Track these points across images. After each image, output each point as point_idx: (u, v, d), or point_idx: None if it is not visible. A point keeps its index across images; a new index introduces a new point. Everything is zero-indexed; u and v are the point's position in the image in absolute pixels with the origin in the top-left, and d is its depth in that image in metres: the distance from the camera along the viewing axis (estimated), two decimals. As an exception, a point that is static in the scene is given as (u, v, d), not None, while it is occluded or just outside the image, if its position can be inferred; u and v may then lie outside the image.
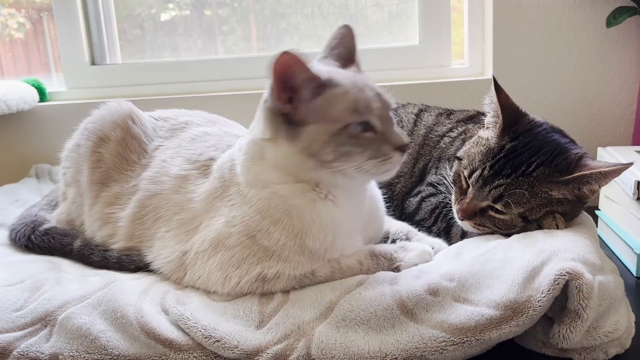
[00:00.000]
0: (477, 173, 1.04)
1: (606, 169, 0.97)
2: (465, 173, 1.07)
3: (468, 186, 1.07)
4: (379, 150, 0.91)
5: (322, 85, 0.91)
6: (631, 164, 0.99)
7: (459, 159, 1.11)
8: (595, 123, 1.77)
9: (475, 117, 1.35)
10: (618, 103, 1.75)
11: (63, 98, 1.96)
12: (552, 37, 1.72)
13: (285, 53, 0.87)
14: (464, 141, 1.23)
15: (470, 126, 1.31)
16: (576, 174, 0.99)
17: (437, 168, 1.27)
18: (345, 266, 0.98)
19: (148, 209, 1.10)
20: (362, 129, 0.91)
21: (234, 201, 1.00)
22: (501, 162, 1.02)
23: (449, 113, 1.40)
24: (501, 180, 1.01)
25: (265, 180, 0.97)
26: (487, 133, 1.10)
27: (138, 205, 1.11)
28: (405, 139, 0.94)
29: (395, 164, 0.94)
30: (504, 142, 1.05)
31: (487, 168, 1.03)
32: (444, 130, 1.33)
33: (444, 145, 1.30)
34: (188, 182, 1.09)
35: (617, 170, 0.98)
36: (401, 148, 0.93)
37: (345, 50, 1.05)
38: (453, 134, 1.31)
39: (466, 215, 1.06)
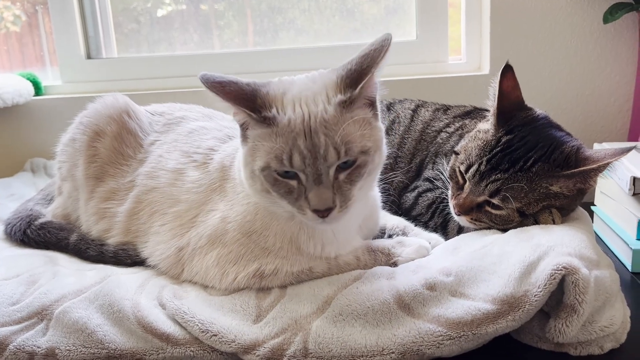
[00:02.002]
0: (474, 168, 1.04)
1: (612, 160, 0.97)
2: (462, 168, 1.07)
3: (465, 181, 1.07)
4: (296, 202, 0.86)
5: (265, 118, 0.85)
6: (633, 146, 0.99)
7: (456, 153, 1.11)
8: (592, 119, 1.78)
9: (472, 113, 1.35)
10: (614, 99, 1.75)
11: (58, 92, 1.95)
12: (549, 33, 1.73)
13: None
14: (460, 136, 1.23)
15: (467, 121, 1.31)
16: (582, 168, 0.98)
17: (434, 163, 1.27)
18: (342, 262, 0.98)
19: (144, 204, 1.10)
20: (285, 175, 0.85)
21: (229, 197, 1.00)
22: (498, 156, 1.02)
23: (445, 108, 1.40)
24: (498, 175, 1.01)
25: (248, 194, 0.96)
26: (486, 125, 1.10)
27: (135, 201, 1.11)
28: (325, 204, 0.84)
29: (317, 222, 0.86)
30: (500, 135, 1.05)
31: (484, 163, 1.03)
32: (440, 125, 1.33)
33: (440, 141, 1.30)
34: (184, 175, 1.08)
35: (621, 157, 0.97)
36: (317, 212, 0.85)
37: None
38: (450, 130, 1.31)
39: (463, 210, 1.06)
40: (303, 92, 0.88)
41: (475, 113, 1.34)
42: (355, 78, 0.86)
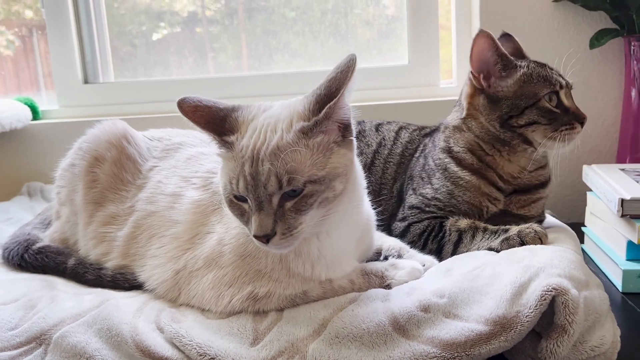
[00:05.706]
0: None
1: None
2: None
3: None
4: (246, 225, 0.90)
5: (226, 142, 0.92)
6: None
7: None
8: (580, 142, 1.80)
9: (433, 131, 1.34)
10: (602, 122, 1.79)
11: (55, 116, 1.97)
12: (537, 58, 1.75)
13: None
14: (426, 158, 1.24)
15: (427, 140, 1.31)
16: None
17: (413, 189, 1.26)
18: (337, 286, 0.99)
19: (143, 227, 1.11)
20: (239, 198, 0.90)
21: (226, 220, 1.02)
22: None
23: (421, 129, 1.39)
24: None
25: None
26: None
27: (134, 226, 1.12)
28: (263, 230, 0.86)
29: (263, 247, 0.90)
30: None
31: None
32: (414, 147, 1.33)
33: (413, 163, 1.30)
34: (183, 196, 1.10)
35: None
36: (256, 237, 0.88)
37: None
38: (419, 149, 1.31)
39: None
40: (268, 119, 0.90)
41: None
42: (326, 102, 0.87)
